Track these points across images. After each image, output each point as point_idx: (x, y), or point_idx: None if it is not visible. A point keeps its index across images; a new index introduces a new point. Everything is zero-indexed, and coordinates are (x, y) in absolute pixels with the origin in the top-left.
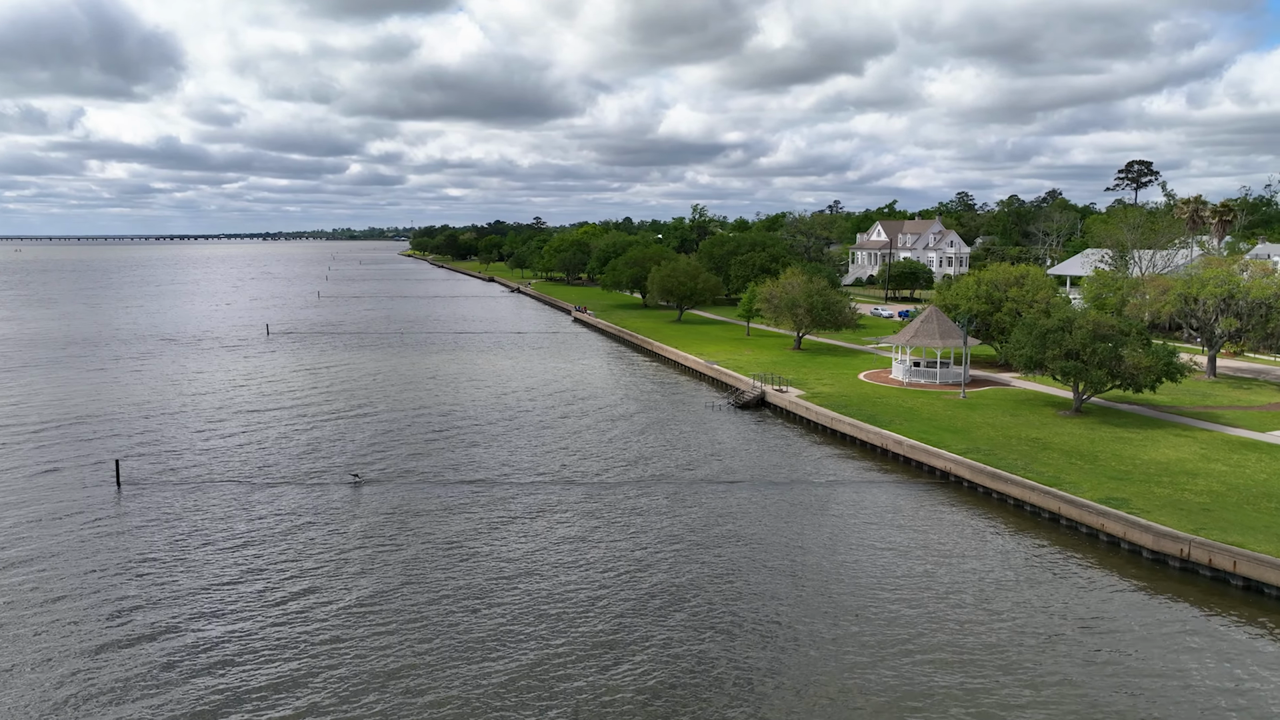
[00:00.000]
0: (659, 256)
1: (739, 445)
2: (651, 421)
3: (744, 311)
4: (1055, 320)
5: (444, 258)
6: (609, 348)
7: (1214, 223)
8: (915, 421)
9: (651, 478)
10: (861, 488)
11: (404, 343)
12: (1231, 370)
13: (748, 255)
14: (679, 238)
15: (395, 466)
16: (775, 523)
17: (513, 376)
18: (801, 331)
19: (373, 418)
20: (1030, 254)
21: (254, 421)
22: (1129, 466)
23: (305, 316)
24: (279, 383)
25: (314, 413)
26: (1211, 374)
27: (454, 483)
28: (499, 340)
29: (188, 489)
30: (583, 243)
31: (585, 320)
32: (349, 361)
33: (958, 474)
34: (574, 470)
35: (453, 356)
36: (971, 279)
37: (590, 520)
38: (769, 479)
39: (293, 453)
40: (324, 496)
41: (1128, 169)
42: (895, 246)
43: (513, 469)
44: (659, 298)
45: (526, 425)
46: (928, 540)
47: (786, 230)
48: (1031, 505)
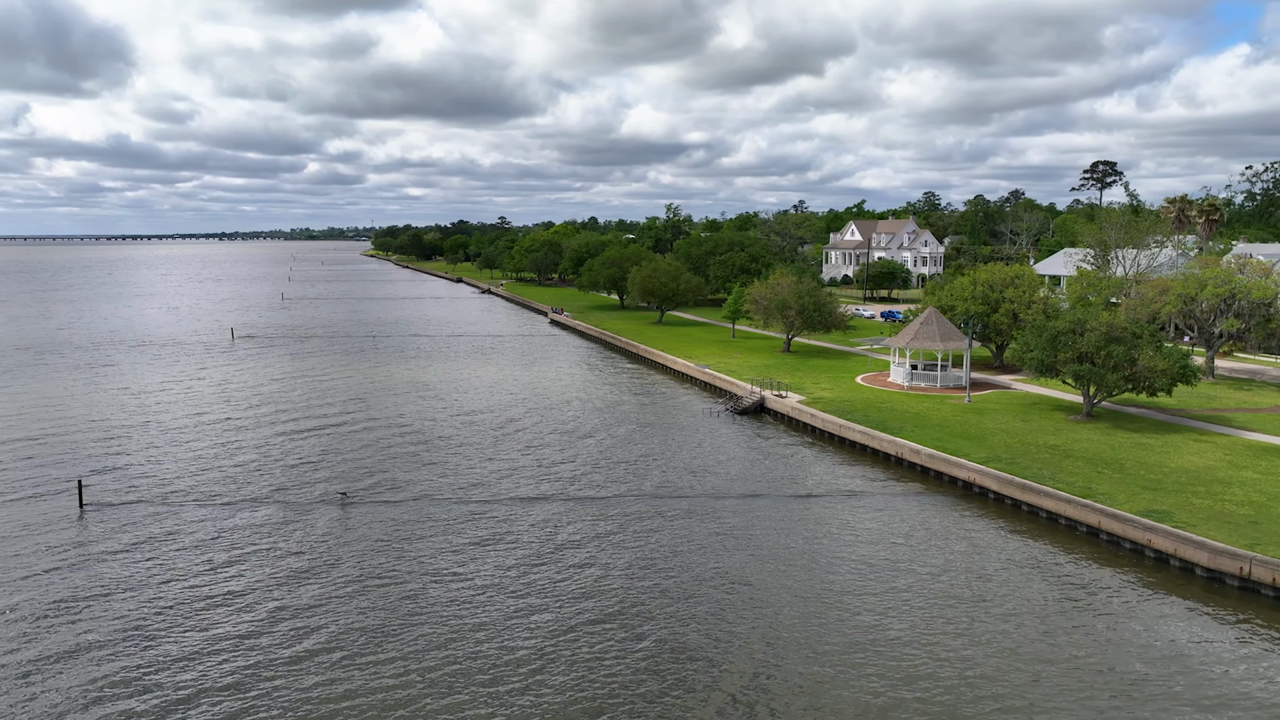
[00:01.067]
0: (637, 257)
1: (745, 455)
2: (649, 430)
3: (729, 313)
4: (1066, 322)
5: (408, 258)
6: (591, 351)
7: (1200, 222)
8: (925, 428)
9: (659, 492)
10: (883, 500)
11: (377, 347)
12: (1226, 371)
13: (726, 255)
14: (653, 237)
15: (383, 483)
16: (802, 543)
17: (496, 383)
18: (791, 334)
19: (353, 431)
20: (1001, 253)
21: (225, 436)
22: (1159, 475)
23: (270, 320)
24: (249, 393)
25: (289, 426)
26: (1210, 375)
27: (449, 501)
28: (476, 344)
29: (157, 511)
30: (554, 243)
31: (563, 322)
32: (322, 368)
33: (983, 485)
34: (576, 485)
35: (430, 362)
36: (966, 279)
37: (601, 544)
38: (784, 491)
39: (269, 470)
40: (307, 518)
41: (1092, 169)
42: (870, 246)
43: (509, 486)
44: (639, 299)
45: (517, 437)
46: (970, 563)
47: (760, 230)
48: (1068, 519)
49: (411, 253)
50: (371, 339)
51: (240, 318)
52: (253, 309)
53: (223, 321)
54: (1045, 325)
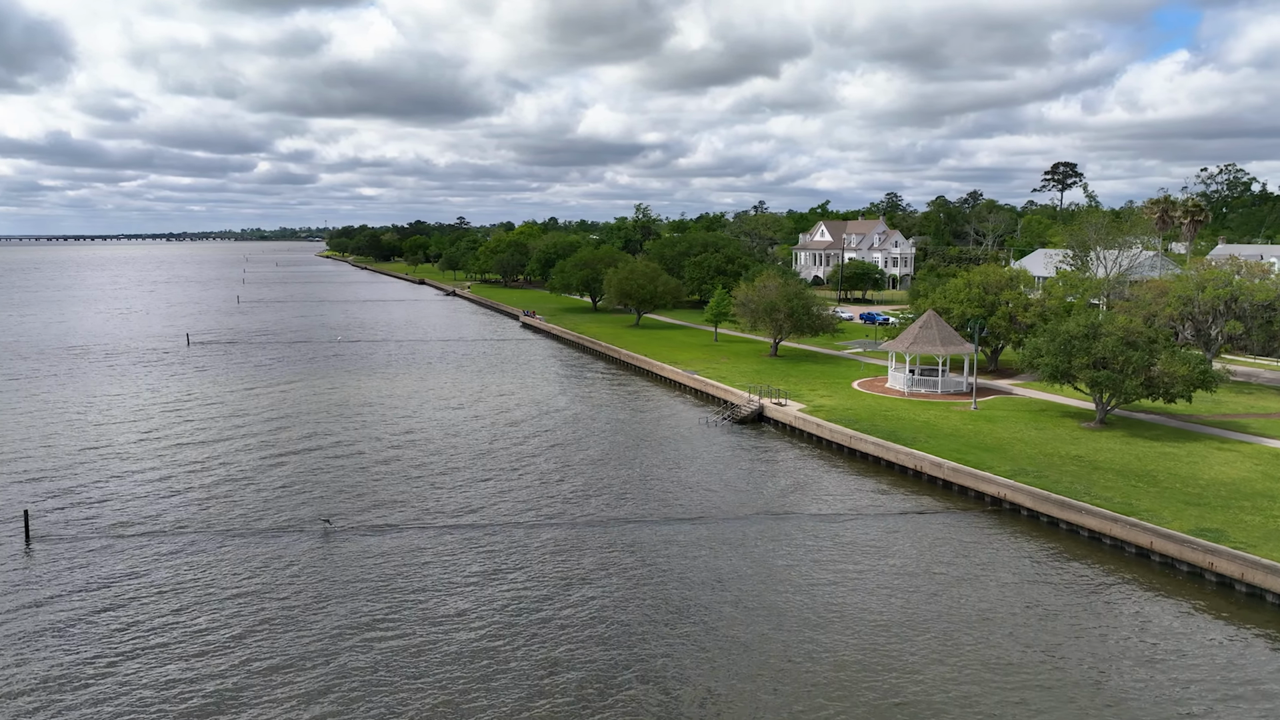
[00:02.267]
0: (611, 258)
1: (752, 469)
2: (646, 444)
3: (712, 316)
4: (1080, 326)
5: (366, 259)
6: (569, 356)
7: (1185, 223)
8: (938, 438)
9: (669, 515)
10: (913, 521)
11: (342, 354)
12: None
13: (701, 256)
14: (622, 238)
15: (365, 509)
16: (838, 572)
17: (474, 394)
18: (780, 337)
19: (327, 450)
20: (969, 254)
21: (188, 456)
22: (1196, 489)
23: (227, 324)
24: (210, 407)
25: (257, 444)
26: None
27: (439, 529)
28: (448, 350)
29: (114, 544)
30: (520, 244)
31: (536, 326)
32: (286, 378)
33: (1015, 501)
34: (574, 507)
35: (402, 370)
36: (960, 280)
37: (613, 581)
38: (807, 511)
39: (239, 494)
40: (285, 548)
41: (1053, 170)
42: (841, 247)
43: (503, 510)
44: (616, 301)
45: (503, 454)
46: (1026, 594)
47: (729, 230)
48: (1114, 538)
49: (369, 254)
50: (336, 344)
51: (195, 322)
52: (208, 313)
53: (177, 326)
54: (1057, 330)
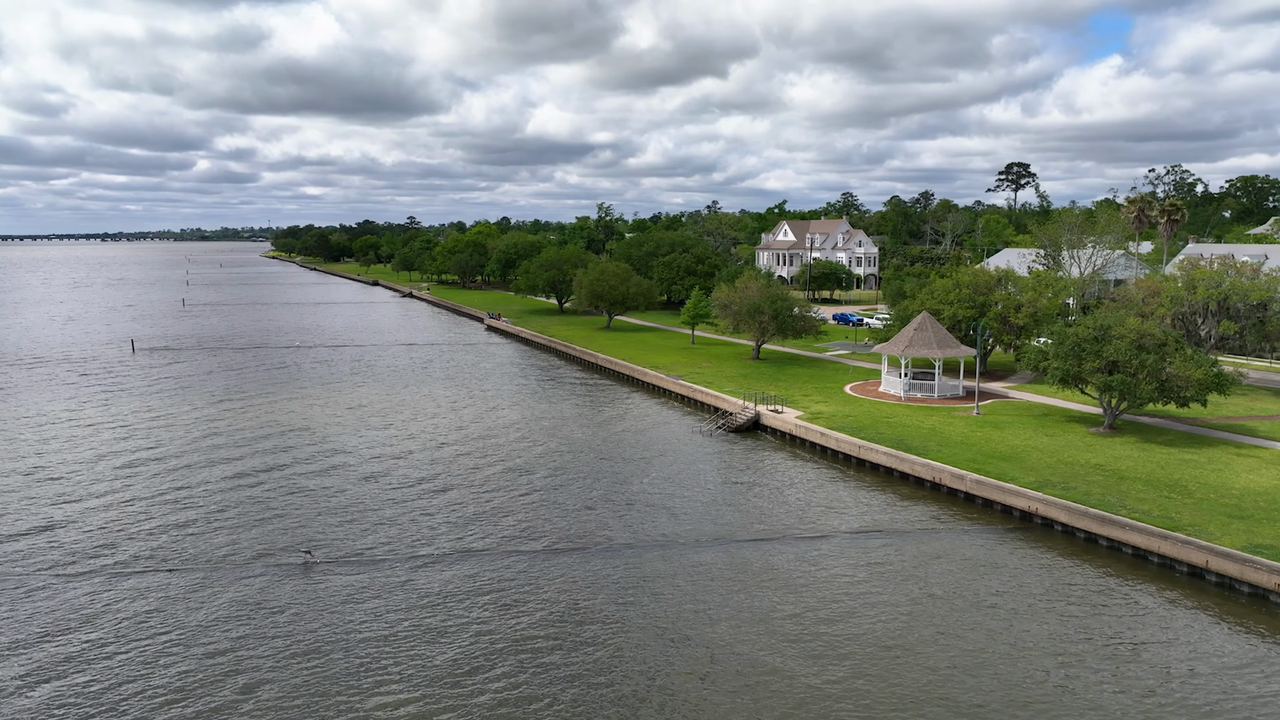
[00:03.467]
0: (579, 259)
1: (760, 484)
2: (639, 457)
3: (689, 317)
4: (1088, 329)
5: (315, 260)
6: (541, 361)
7: (1162, 222)
8: (949, 446)
9: (681, 538)
10: (943, 538)
11: (300, 361)
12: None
13: (671, 256)
14: (585, 238)
15: (347, 537)
16: (884, 606)
17: (447, 404)
18: (762, 340)
19: (296, 471)
20: (930, 254)
21: (142, 481)
22: (1233, 500)
23: (174, 329)
24: (163, 423)
25: (218, 465)
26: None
27: (430, 559)
28: (412, 356)
29: (58, 582)
30: (479, 244)
31: (502, 329)
32: (243, 389)
33: (1047, 516)
34: (573, 532)
35: (366, 379)
36: (948, 281)
37: (631, 618)
38: (829, 529)
39: (202, 524)
40: (264, 586)
41: (1007, 170)
42: (804, 246)
43: (498, 536)
44: (587, 303)
45: (490, 472)
46: (1099, 629)
47: (692, 229)
48: (1162, 556)
49: (318, 254)
50: (294, 350)
51: (139, 327)
52: (151, 317)
53: (121, 332)
54: (1065, 332)
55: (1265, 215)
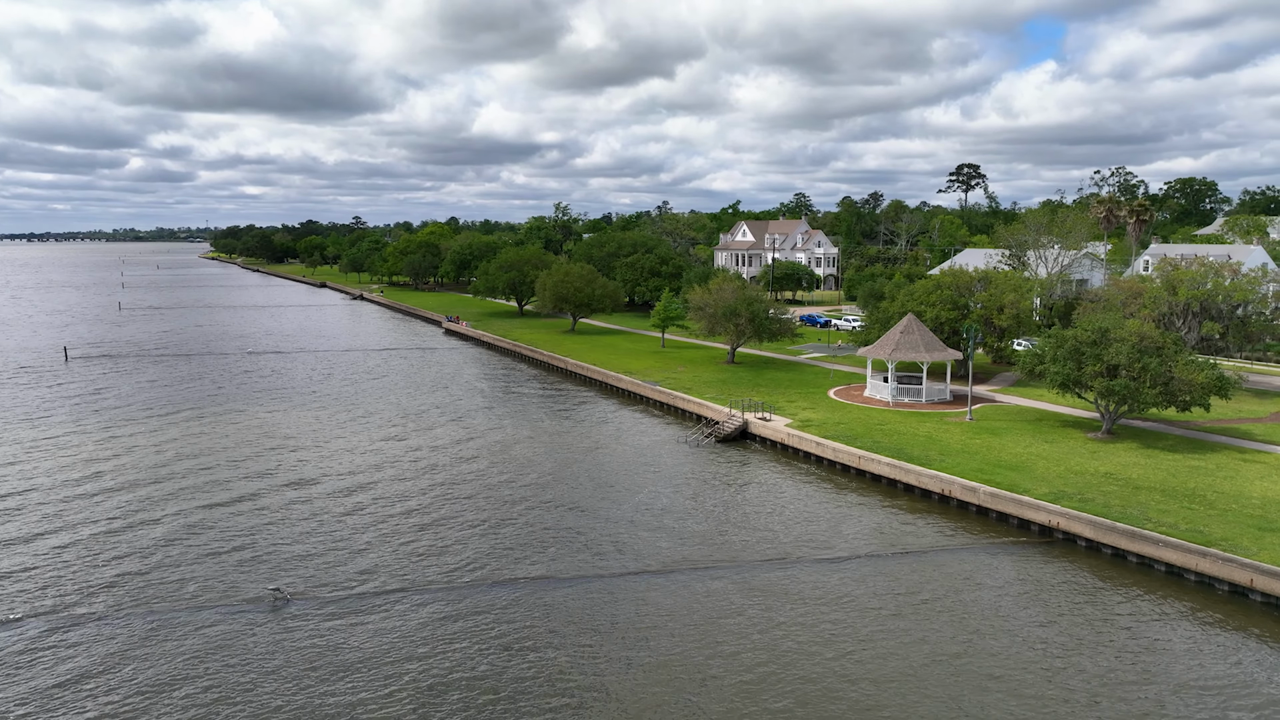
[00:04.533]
0: (540, 260)
1: (761, 498)
2: (625, 470)
3: (659, 320)
4: (1088, 332)
5: (257, 261)
6: (508, 368)
7: (1131, 222)
8: (950, 455)
9: (682, 562)
10: (965, 559)
11: (251, 369)
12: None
13: (634, 257)
14: (542, 238)
15: (317, 573)
16: (924, 645)
17: (413, 416)
18: (738, 343)
19: (255, 498)
20: (887, 254)
21: (84, 511)
22: (1254, 509)
23: (110, 335)
24: (104, 442)
25: (167, 492)
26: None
27: (409, 593)
28: (369, 362)
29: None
30: (431, 244)
31: (461, 332)
32: (189, 403)
33: (1070, 530)
34: (568, 558)
35: (322, 389)
36: (930, 282)
37: (652, 658)
38: (842, 551)
39: (158, 559)
40: (231, 631)
41: (958, 171)
42: (763, 247)
43: (480, 567)
44: (551, 305)
45: (467, 494)
46: (1163, 667)
47: (651, 230)
48: (1200, 574)
49: (260, 255)
50: (242, 357)
51: (73, 333)
52: (86, 322)
53: (52, 338)
54: (1063, 335)
55: (1204, 216)
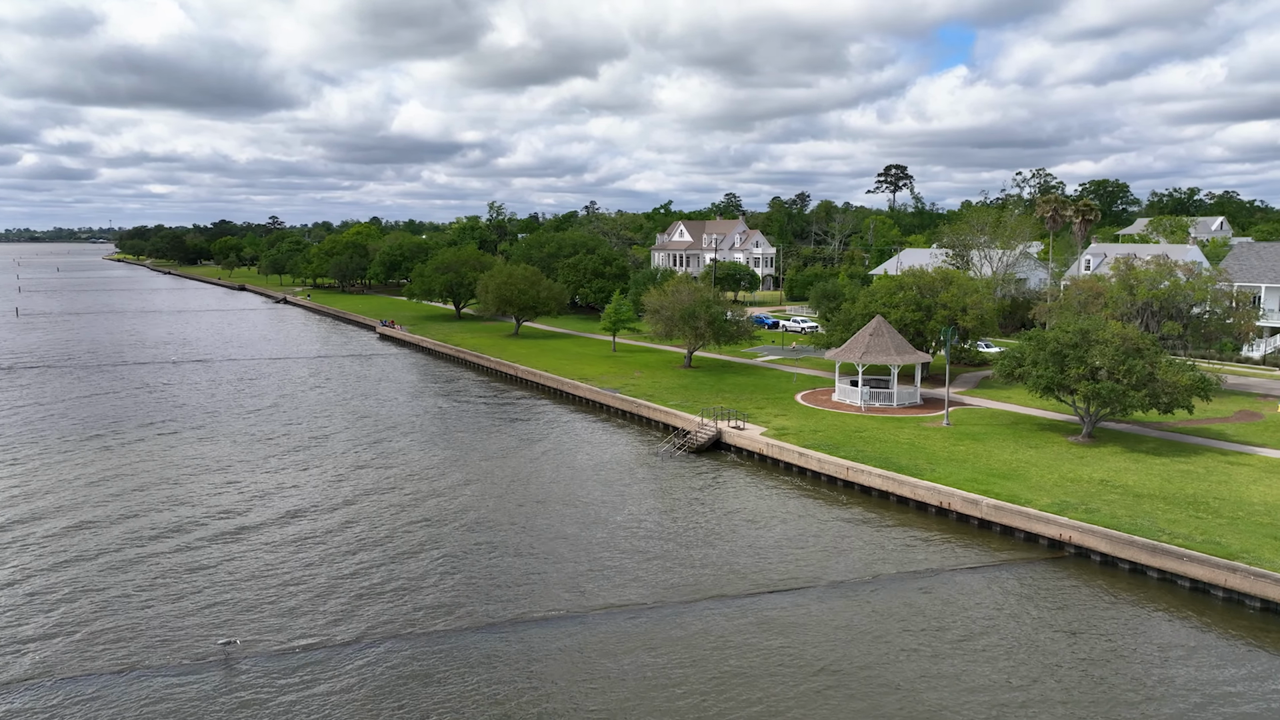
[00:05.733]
0: (479, 262)
1: (748, 516)
2: (599, 487)
3: (610, 323)
4: (1069, 333)
5: (168, 262)
6: (451, 375)
7: (1077, 222)
8: (939, 463)
9: (686, 592)
10: (982, 580)
11: (172, 382)
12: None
13: (576, 258)
14: (476, 238)
15: (267, 619)
16: (975, 679)
17: (353, 433)
18: (696, 347)
19: (191, 534)
20: (822, 254)
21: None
22: (1261, 516)
23: (9, 344)
24: (6, 472)
25: (92, 531)
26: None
27: (377, 641)
28: (302, 371)
29: None
30: (359, 245)
31: (397, 337)
32: (102, 423)
33: (1084, 545)
34: (555, 594)
35: (252, 404)
36: (892, 282)
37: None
38: (860, 571)
39: (79, 612)
40: (168, 688)
41: (885, 172)
42: (701, 247)
43: (453, 605)
44: (494, 308)
45: (423, 520)
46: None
47: (589, 229)
48: (1229, 590)
49: (171, 256)
50: (158, 367)
51: None
52: None
53: None
54: (1044, 338)
55: (1117, 218)
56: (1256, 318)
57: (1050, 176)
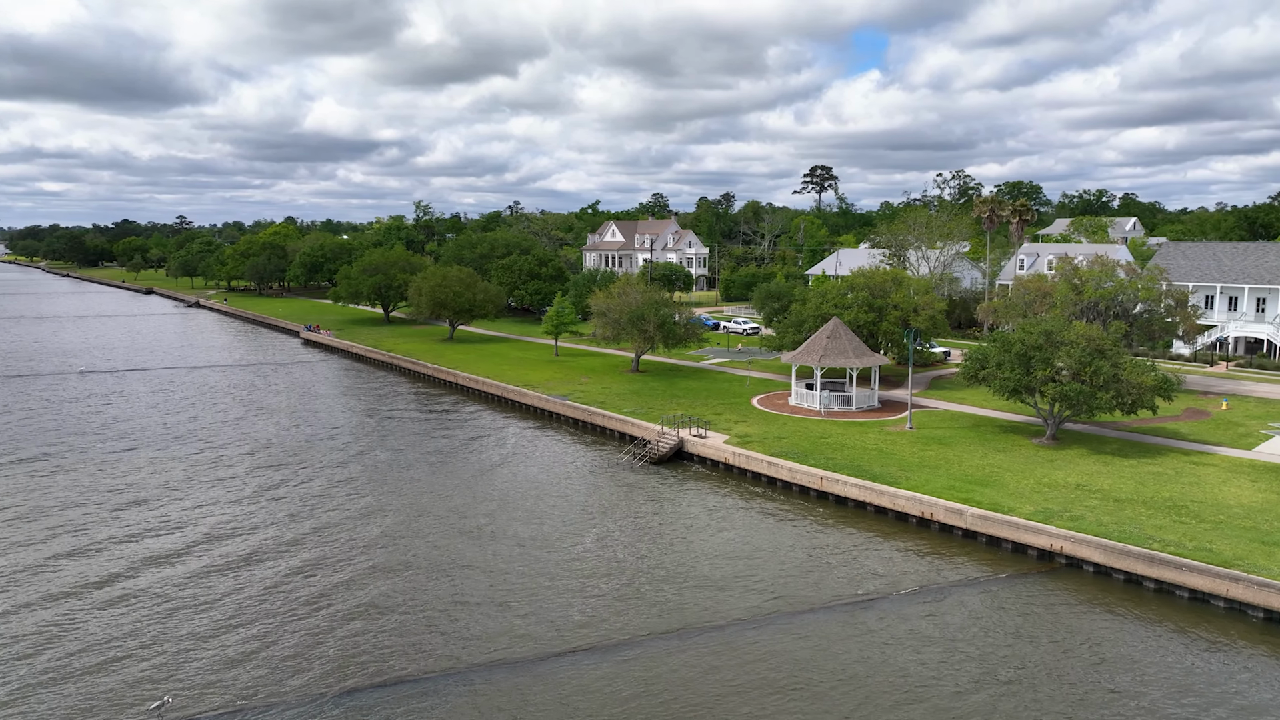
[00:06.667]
0: (409, 263)
1: (729, 534)
2: (561, 502)
3: (551, 327)
4: (1033, 335)
5: (66, 264)
6: (385, 383)
7: (1014, 222)
8: (911, 470)
9: (673, 622)
10: (980, 593)
11: (77, 395)
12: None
13: (510, 259)
14: (403, 239)
15: (197, 674)
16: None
17: (284, 451)
18: (644, 351)
19: (105, 579)
20: (753, 254)
21: None
22: (1241, 519)
23: None
24: None
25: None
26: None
27: (317, 703)
28: (223, 382)
29: None
30: (277, 245)
31: (324, 343)
32: (4, 446)
33: (1076, 555)
34: (534, 635)
35: (170, 420)
36: (843, 283)
37: None
38: (856, 592)
39: (18, 677)
40: None
41: (812, 173)
42: (633, 247)
43: (403, 656)
44: (429, 312)
45: (361, 549)
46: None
47: (519, 229)
48: (1231, 600)
49: (69, 258)
50: (62, 378)
51: None
52: None
53: None
54: (1009, 339)
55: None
56: (1198, 316)
57: (970, 178)
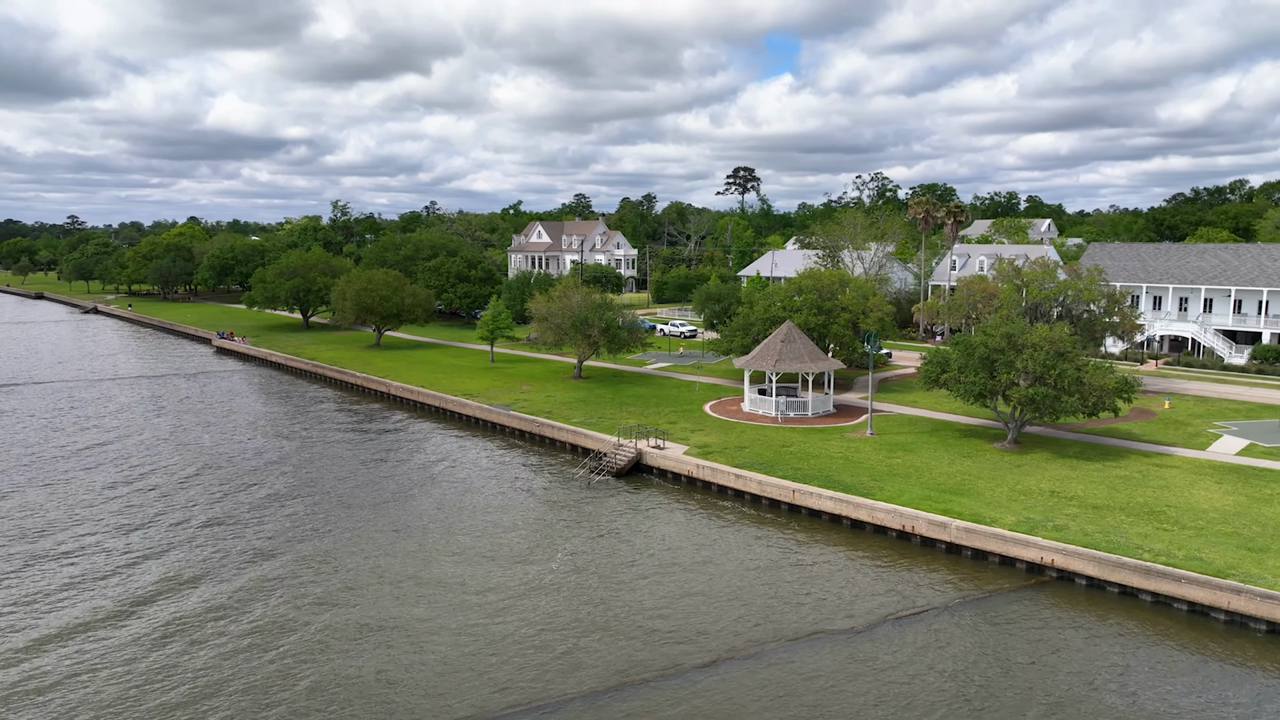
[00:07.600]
0: (329, 266)
1: (702, 556)
2: (515, 529)
3: (487, 332)
4: (995, 338)
5: None
6: (310, 394)
7: (949, 223)
8: (883, 479)
9: (656, 664)
10: (979, 614)
11: None
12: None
13: (437, 261)
14: (319, 240)
15: None
16: None
17: (206, 476)
18: (587, 356)
19: (80, 639)
20: (681, 255)
21: None
22: (1223, 525)
23: None
24: None
25: None
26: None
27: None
28: (128, 395)
29: None
30: (183, 247)
31: (239, 351)
32: None
33: (1067, 568)
34: (529, 679)
35: (80, 439)
36: (791, 285)
37: None
38: (848, 618)
39: None
40: None
41: (735, 174)
42: (561, 249)
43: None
44: (354, 317)
45: (307, 585)
46: None
47: (440, 229)
48: (1231, 613)
49: None
50: None
51: None
52: None
53: None
54: (971, 342)
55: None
56: (1137, 316)
57: (888, 180)
